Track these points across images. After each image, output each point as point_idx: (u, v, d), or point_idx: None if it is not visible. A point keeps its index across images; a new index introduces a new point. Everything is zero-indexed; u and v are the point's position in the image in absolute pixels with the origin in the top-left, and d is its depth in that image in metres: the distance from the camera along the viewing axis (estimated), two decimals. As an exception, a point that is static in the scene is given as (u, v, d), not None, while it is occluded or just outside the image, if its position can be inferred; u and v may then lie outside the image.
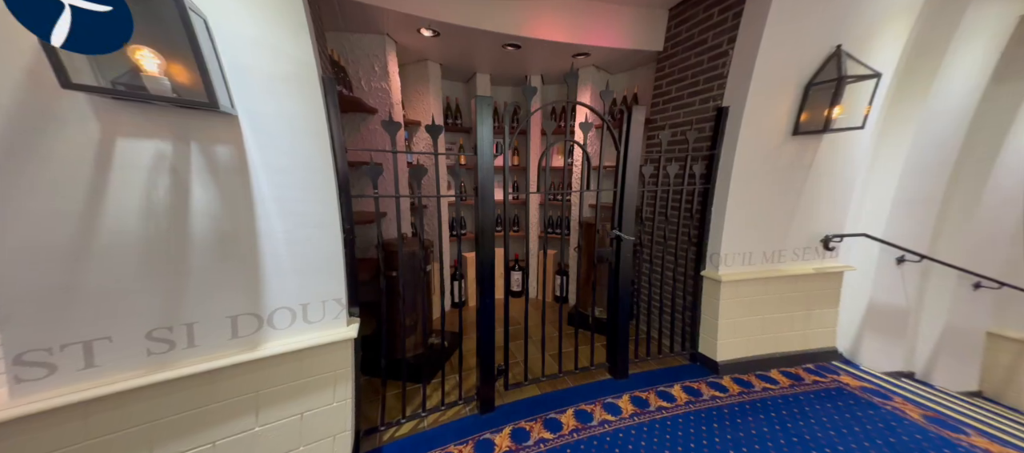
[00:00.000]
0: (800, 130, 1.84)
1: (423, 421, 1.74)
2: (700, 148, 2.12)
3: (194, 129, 0.96)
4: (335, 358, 1.33)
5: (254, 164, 1.08)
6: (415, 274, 1.96)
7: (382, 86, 2.27)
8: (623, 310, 2.07)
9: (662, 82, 2.41)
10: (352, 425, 1.43)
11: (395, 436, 1.64)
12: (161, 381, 0.97)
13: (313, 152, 1.19)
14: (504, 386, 1.96)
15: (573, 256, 3.14)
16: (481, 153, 1.64)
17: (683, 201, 2.14)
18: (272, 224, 1.15)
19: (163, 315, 0.99)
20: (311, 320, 1.28)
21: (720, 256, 2.07)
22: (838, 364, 2.23)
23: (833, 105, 1.66)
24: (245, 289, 1.12)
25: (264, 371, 1.18)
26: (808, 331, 2.22)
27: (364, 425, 1.64)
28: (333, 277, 1.32)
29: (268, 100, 1.06)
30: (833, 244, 2.14)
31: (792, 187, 2.01)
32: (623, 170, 1.96)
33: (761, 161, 1.93)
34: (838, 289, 2.20)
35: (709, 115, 2.06)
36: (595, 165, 2.62)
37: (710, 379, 2.10)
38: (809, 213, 2.09)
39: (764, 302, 2.13)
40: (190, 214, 0.99)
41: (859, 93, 1.69)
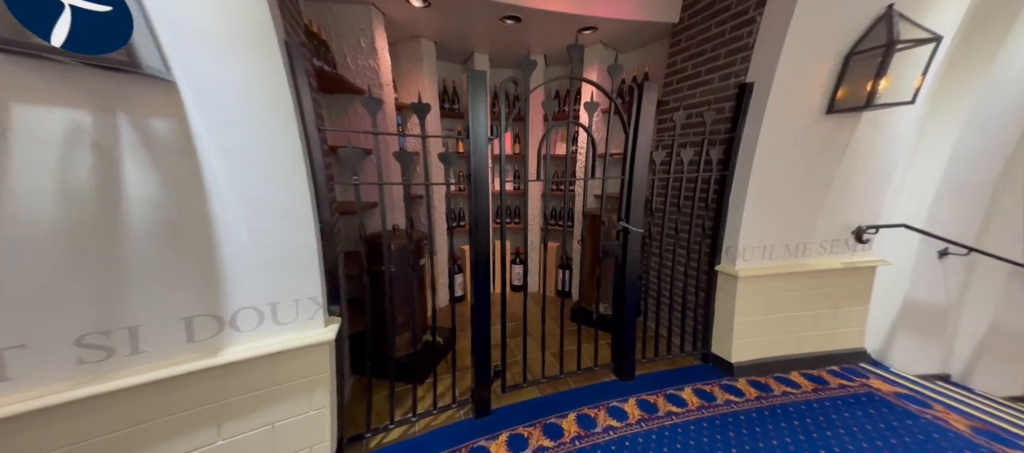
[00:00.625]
0: (835, 108, 1.62)
1: (414, 426, 1.62)
2: (718, 131, 1.92)
3: (120, 98, 0.80)
4: (311, 362, 1.20)
5: (203, 142, 0.93)
6: (405, 268, 1.82)
7: (369, 64, 2.10)
8: (630, 308, 1.91)
9: (676, 58, 2.19)
10: (332, 434, 1.31)
11: (383, 443, 1.52)
12: (96, 394, 0.84)
13: (275, 130, 1.03)
14: (502, 388, 1.83)
15: (576, 249, 2.98)
16: (474, 137, 1.47)
17: (697, 190, 1.95)
18: (230, 212, 1.01)
19: (98, 318, 0.85)
20: (282, 321, 1.15)
21: (738, 249, 1.89)
22: (866, 366, 2.05)
23: (878, 77, 1.44)
24: (201, 287, 0.99)
25: (227, 379, 1.05)
26: (834, 330, 2.04)
27: (352, 430, 1.53)
28: (307, 273, 1.18)
29: (214, 65, 0.90)
30: (867, 236, 1.94)
31: (822, 173, 1.81)
32: (632, 156, 1.77)
33: (788, 144, 1.72)
34: (870, 285, 2.00)
35: (730, 93, 1.85)
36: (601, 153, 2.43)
37: (724, 382, 1.94)
38: (841, 202, 1.89)
39: (785, 299, 1.95)
40: (125, 199, 0.84)
41: (910, 62, 1.47)
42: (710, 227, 2.01)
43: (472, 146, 1.48)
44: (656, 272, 2.24)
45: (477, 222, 1.55)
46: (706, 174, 1.93)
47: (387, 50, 2.17)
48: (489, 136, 1.51)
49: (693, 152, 1.88)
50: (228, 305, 1.04)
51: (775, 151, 1.73)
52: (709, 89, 1.98)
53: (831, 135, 1.72)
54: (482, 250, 1.59)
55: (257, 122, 0.99)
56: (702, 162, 1.90)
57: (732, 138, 1.83)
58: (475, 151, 1.49)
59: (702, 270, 2.07)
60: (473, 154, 1.49)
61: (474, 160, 1.50)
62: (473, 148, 1.49)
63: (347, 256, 1.99)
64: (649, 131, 1.74)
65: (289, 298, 1.15)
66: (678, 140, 1.86)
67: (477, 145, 1.49)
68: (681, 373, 2.03)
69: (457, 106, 2.95)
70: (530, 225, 3.22)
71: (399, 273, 1.92)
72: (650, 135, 1.75)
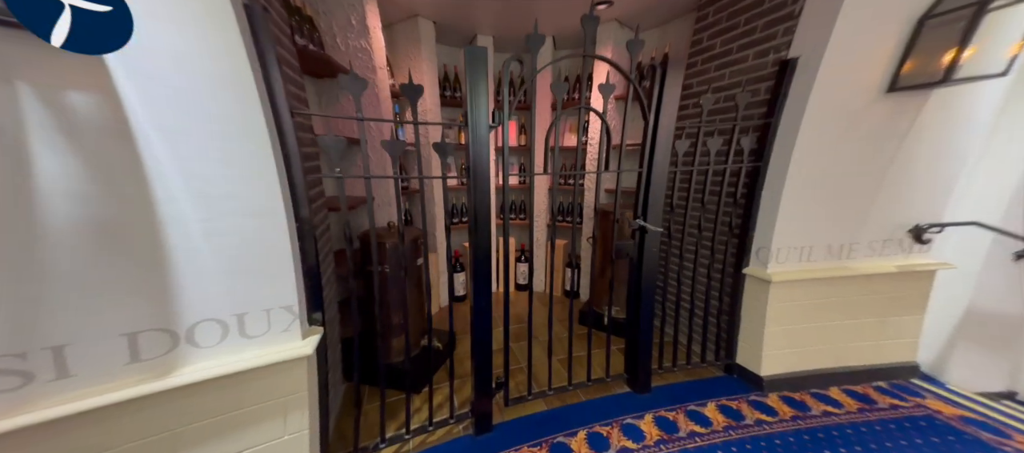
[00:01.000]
0: (899, 84, 1.37)
1: (407, 443, 1.48)
2: (751, 117, 1.69)
3: (17, 63, 0.64)
4: (285, 380, 1.05)
5: (140, 123, 0.77)
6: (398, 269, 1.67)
7: (361, 44, 1.91)
8: (646, 314, 1.72)
9: (702, 35, 1.95)
10: (313, 458, 1.16)
11: (372, 463, 1.38)
12: (11, 430, 0.70)
13: (231, 111, 0.86)
14: (504, 401, 1.67)
15: (586, 246, 2.78)
16: (474, 124, 1.29)
17: (725, 183, 1.73)
18: (182, 209, 0.85)
19: (9, 338, 0.71)
20: (251, 334, 1.00)
21: (770, 251, 1.67)
22: (919, 383, 1.81)
23: (963, 45, 1.19)
24: (148, 297, 0.84)
25: (184, 403, 0.90)
26: (882, 342, 1.81)
27: (341, 447, 1.39)
28: (279, 279, 1.02)
29: (146, 26, 0.73)
30: (928, 236, 1.69)
31: (877, 162, 1.56)
32: (651, 145, 1.57)
33: (838, 128, 1.49)
34: (927, 291, 1.76)
35: (767, 73, 1.61)
36: (616, 143, 2.21)
37: (752, 397, 1.74)
38: (897, 196, 1.64)
39: (825, 307, 1.73)
40: (36, 192, 0.69)
41: (1001, 26, 1.21)
42: (738, 225, 1.79)
43: (471, 134, 1.30)
44: (675, 274, 2.04)
45: (477, 218, 1.38)
46: (735, 165, 1.71)
47: (380, 29, 1.98)
48: (490, 124, 1.33)
49: (721, 141, 1.66)
50: (184, 317, 0.89)
51: (820, 138, 1.49)
52: (741, 69, 1.75)
53: (890, 118, 1.47)
54: (483, 248, 1.41)
55: (207, 100, 0.82)
56: (732, 152, 1.68)
57: (768, 124, 1.60)
58: (475, 140, 1.31)
59: (727, 273, 1.86)
60: (472, 143, 1.31)
61: (473, 150, 1.32)
62: (473, 137, 1.30)
63: (340, 255, 1.84)
64: (672, 116, 1.53)
65: (259, 308, 1.00)
66: (705, 127, 1.64)
67: (477, 133, 1.30)
68: (702, 386, 1.84)
69: (458, 94, 2.75)
70: (536, 222, 3.03)
71: (392, 274, 1.76)
72: (673, 121, 1.54)
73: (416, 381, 1.79)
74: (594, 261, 1.72)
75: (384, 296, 1.77)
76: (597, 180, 1.60)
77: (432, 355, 1.53)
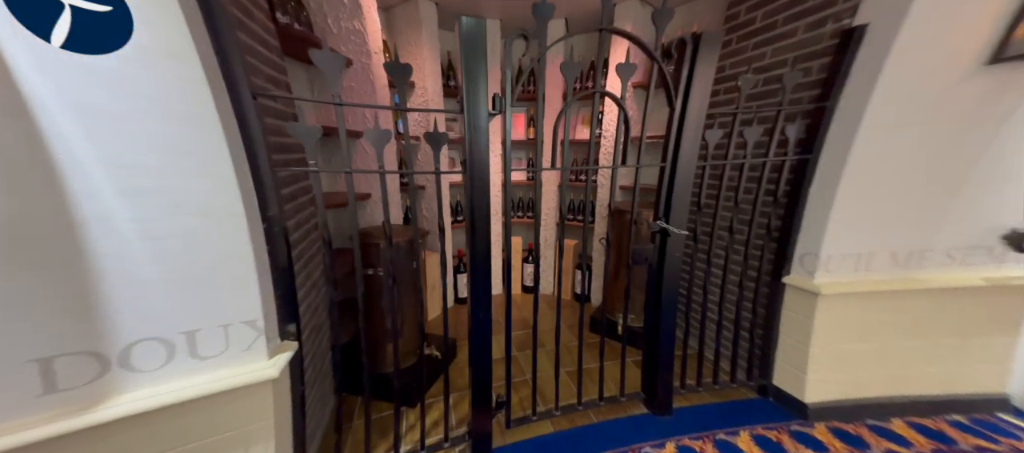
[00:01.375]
0: (1007, 53, 1.09)
1: (396, 470, 1.32)
2: (798, 101, 1.44)
3: None
4: (247, 406, 0.90)
5: (41, 99, 0.61)
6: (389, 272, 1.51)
7: (354, 26, 1.75)
8: (667, 325, 1.51)
9: (739, 8, 1.69)
10: (284, 492, 1.02)
11: (356, 493, 1.23)
12: None
13: (169, 89, 0.70)
14: (506, 422, 1.49)
15: (598, 248, 2.56)
16: (471, 111, 1.10)
17: (763, 179, 1.49)
18: (108, 207, 0.70)
19: None
20: (203, 355, 0.85)
21: (818, 258, 1.43)
22: (1010, 419, 1.51)
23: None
24: (66, 313, 0.69)
25: (116, 440, 0.76)
26: (960, 369, 1.52)
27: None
28: (240, 289, 0.87)
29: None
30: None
31: (966, 152, 1.28)
32: (677, 135, 1.35)
33: (915, 111, 1.22)
34: (1021, 309, 1.47)
35: (822, 47, 1.36)
36: (635, 135, 1.97)
37: (794, 427, 1.51)
38: (988, 193, 1.35)
39: (888, 324, 1.47)
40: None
41: None
42: (777, 227, 1.55)
43: (469, 123, 1.11)
44: (701, 281, 1.80)
45: (475, 216, 1.20)
46: (778, 159, 1.46)
47: (375, 8, 1.81)
48: (491, 111, 1.13)
49: (761, 130, 1.42)
50: (117, 336, 0.75)
51: (893, 122, 1.23)
52: (787, 45, 1.49)
53: (989, 96, 1.19)
54: (482, 250, 1.23)
55: (135, 73, 0.67)
56: (774, 142, 1.43)
57: (822, 108, 1.35)
58: (473, 128, 1.12)
59: (763, 282, 1.62)
60: (470, 132, 1.12)
61: (471, 139, 1.13)
62: (470, 125, 1.11)
63: (336, 254, 1.70)
64: (704, 102, 1.30)
65: (213, 323, 0.85)
66: (742, 114, 1.39)
67: (475, 121, 1.11)
68: (733, 409, 1.62)
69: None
70: (544, 220, 2.83)
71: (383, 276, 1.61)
72: (704, 107, 1.31)
73: (408, 393, 1.63)
74: (607, 265, 1.51)
75: (371, 302, 1.62)
76: (612, 175, 1.39)
77: (425, 366, 1.37)
